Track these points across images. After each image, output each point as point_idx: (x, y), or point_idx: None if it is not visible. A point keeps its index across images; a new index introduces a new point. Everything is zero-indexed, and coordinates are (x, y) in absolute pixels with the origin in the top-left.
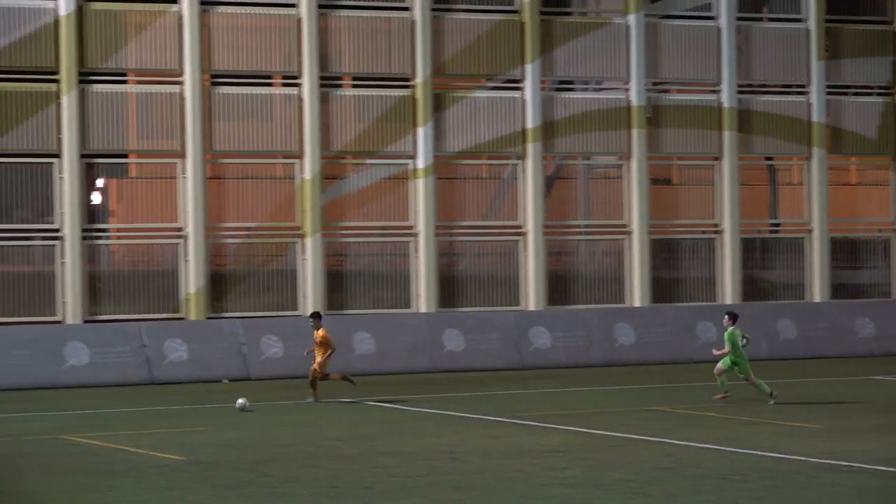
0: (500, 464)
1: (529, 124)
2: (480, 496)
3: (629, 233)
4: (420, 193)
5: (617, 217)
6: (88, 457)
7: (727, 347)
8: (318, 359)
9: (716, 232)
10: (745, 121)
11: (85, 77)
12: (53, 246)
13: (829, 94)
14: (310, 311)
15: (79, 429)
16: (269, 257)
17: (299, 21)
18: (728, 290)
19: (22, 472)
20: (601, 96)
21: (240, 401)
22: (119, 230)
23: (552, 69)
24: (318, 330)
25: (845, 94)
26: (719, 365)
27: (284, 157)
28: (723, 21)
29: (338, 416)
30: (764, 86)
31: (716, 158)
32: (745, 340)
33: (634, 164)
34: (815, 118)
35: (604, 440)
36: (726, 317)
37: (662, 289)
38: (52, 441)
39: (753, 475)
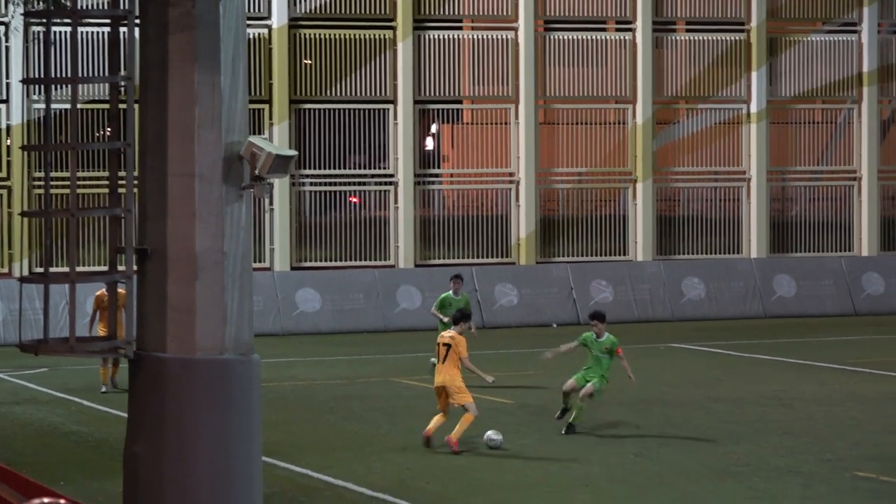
0: (831, 411)
1: (866, 68)
2: (810, 443)
3: None
4: (752, 138)
5: None
6: (418, 400)
7: None
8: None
9: None
10: None
11: (420, 24)
12: (387, 191)
13: None
14: (640, 256)
15: (410, 372)
16: (600, 202)
17: None
18: None
19: (354, 414)
20: None
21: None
22: (451, 176)
23: (891, 12)
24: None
25: None
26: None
27: (616, 103)
28: None
29: (669, 361)
30: None
31: None
32: None
33: None
34: None
35: None
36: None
37: None
38: (384, 383)
39: None
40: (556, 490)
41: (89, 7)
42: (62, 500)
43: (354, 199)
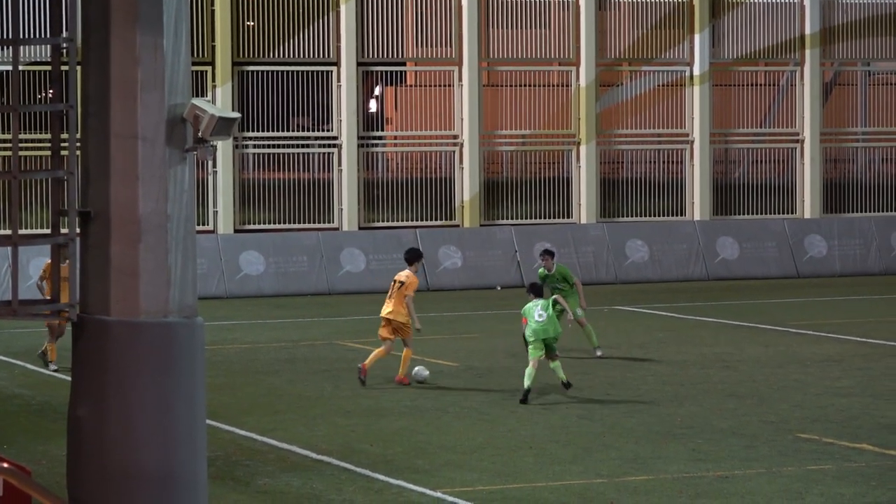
0: (774, 372)
1: (808, 30)
2: (754, 404)
3: None
4: (696, 100)
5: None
6: (362, 362)
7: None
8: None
9: None
10: None
11: None
12: (331, 153)
13: None
14: (584, 219)
15: (354, 334)
16: (544, 165)
17: None
18: None
19: (299, 376)
20: (882, 0)
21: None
22: (395, 138)
23: None
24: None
25: None
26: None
27: (560, 65)
28: None
29: (612, 324)
30: None
31: None
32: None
33: None
34: None
35: (882, 350)
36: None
37: None
38: (328, 346)
39: None
40: (501, 452)
41: None
42: (5, 464)
43: None
